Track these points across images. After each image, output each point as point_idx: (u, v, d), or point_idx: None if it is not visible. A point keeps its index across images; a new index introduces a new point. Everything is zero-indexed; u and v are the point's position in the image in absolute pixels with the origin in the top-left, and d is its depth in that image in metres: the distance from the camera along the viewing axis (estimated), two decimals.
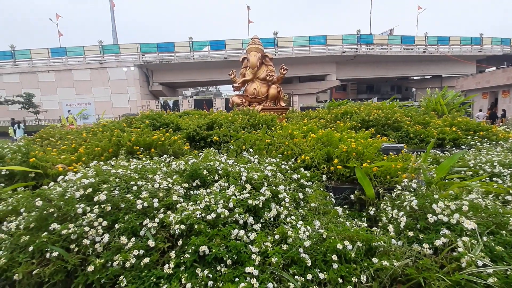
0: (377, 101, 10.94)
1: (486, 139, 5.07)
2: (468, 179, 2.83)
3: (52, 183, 2.22)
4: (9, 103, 22.96)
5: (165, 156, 3.09)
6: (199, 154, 2.98)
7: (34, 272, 1.54)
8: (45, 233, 1.66)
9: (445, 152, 4.56)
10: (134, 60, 26.89)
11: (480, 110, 16.33)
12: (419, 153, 3.60)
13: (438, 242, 1.61)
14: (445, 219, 1.73)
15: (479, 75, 25.60)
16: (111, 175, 2.16)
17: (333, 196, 2.58)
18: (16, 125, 14.98)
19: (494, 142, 5.00)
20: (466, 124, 5.51)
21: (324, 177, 2.84)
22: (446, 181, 2.50)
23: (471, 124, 5.56)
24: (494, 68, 31.57)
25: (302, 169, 2.86)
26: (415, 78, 37.73)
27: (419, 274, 1.44)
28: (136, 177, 2.16)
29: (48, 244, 1.61)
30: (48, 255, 1.59)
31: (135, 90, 27.14)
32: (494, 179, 2.99)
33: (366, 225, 1.98)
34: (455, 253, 1.53)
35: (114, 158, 3.08)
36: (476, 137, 5.10)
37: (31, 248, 1.60)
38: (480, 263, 1.43)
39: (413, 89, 39.95)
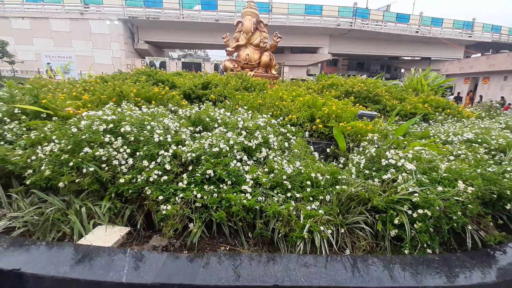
0: (369, 79, 11.38)
1: (451, 116, 5.74)
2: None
3: (71, 120, 2.55)
4: None
5: (170, 105, 3.42)
6: (200, 106, 3.34)
7: (76, 181, 1.95)
8: (81, 153, 2.05)
9: (414, 125, 5.17)
10: (118, 13, 25.11)
11: (452, 94, 17.75)
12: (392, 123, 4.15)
13: (384, 177, 2.17)
14: (393, 162, 2.29)
15: (464, 60, 26.36)
16: (126, 116, 2.51)
17: (313, 149, 3.10)
18: None
19: (457, 119, 5.68)
20: (437, 102, 6.13)
21: (307, 133, 3.33)
22: (403, 139, 3.07)
23: (441, 102, 6.19)
24: (479, 55, 32.30)
25: (288, 125, 3.32)
26: (405, 58, 38.03)
27: (366, 194, 2.00)
28: (149, 119, 2.53)
29: (84, 162, 2.01)
30: (84, 170, 2.00)
31: (119, 47, 25.74)
32: (447, 145, 3.61)
33: (335, 164, 2.52)
34: (395, 184, 2.10)
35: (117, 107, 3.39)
36: (443, 113, 5.75)
37: (71, 164, 1.99)
38: (411, 189, 2.00)
39: (402, 70, 40.53)
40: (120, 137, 2.23)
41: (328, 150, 3.19)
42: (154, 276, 1.44)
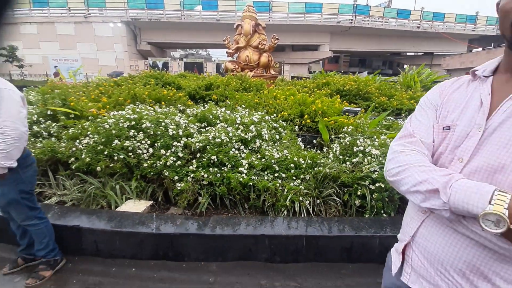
0: (367, 75, 11.78)
1: None
2: None
3: (98, 119, 3.11)
4: None
5: (179, 105, 3.98)
6: (205, 106, 3.89)
7: (110, 166, 2.51)
8: (112, 145, 2.61)
9: (398, 119, 5.66)
10: (120, 15, 25.75)
11: None
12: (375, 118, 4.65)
13: (354, 160, 2.70)
14: (362, 148, 2.81)
15: (465, 55, 26.51)
16: (144, 115, 3.07)
17: (301, 140, 3.63)
18: None
19: None
20: None
21: (296, 127, 3.86)
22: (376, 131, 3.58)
23: None
24: (480, 49, 32.12)
25: (280, 121, 3.85)
26: (407, 54, 38.01)
27: (337, 173, 2.53)
28: (163, 117, 3.09)
29: (115, 151, 2.57)
30: (116, 157, 2.56)
31: (122, 48, 26.40)
32: None
33: (314, 151, 3.05)
34: (361, 165, 2.63)
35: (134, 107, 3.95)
36: None
37: (105, 153, 2.56)
38: (372, 169, 2.53)
39: (405, 66, 40.48)
40: (141, 132, 2.78)
41: (314, 141, 3.72)
42: (175, 229, 2.00)
